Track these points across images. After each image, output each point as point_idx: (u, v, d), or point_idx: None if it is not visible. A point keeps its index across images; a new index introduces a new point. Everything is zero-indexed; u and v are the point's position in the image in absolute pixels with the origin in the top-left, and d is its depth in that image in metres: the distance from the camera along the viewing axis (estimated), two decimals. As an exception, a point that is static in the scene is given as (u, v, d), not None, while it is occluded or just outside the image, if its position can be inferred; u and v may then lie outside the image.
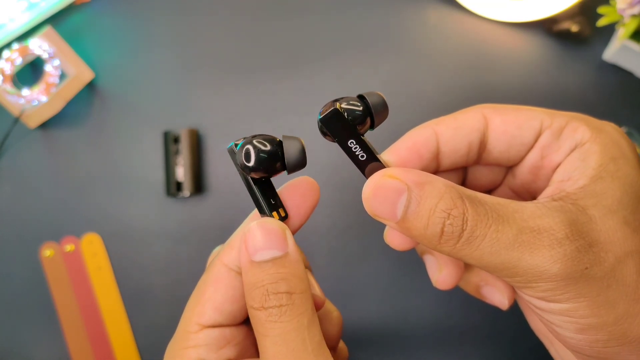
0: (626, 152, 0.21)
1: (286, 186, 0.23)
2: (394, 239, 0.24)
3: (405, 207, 0.20)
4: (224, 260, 0.23)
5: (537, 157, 0.23)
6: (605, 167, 0.21)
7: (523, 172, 0.24)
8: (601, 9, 0.44)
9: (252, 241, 0.21)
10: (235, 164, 0.21)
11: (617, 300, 0.19)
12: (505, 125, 0.23)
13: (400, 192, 0.20)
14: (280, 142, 0.21)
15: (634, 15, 0.42)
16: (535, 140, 0.23)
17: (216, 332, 0.23)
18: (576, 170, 0.21)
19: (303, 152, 0.20)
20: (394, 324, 0.46)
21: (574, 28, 0.47)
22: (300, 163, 0.20)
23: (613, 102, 0.48)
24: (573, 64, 0.48)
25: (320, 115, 0.20)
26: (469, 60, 0.49)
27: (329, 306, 0.26)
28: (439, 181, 0.20)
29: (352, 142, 0.21)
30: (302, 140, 0.21)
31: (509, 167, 0.26)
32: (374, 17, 0.50)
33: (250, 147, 0.20)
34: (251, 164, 0.20)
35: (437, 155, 0.24)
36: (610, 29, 0.47)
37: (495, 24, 0.49)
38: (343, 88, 0.49)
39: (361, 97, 0.21)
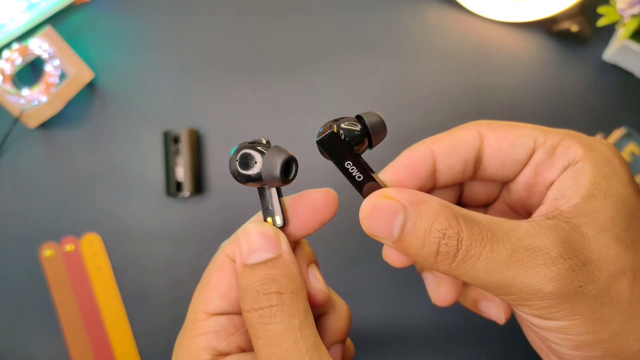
0: (618, 170, 0.21)
1: (302, 195, 0.23)
2: (392, 256, 0.24)
3: (401, 227, 0.20)
4: (227, 251, 0.24)
5: (531, 174, 0.24)
6: (598, 186, 0.21)
7: (518, 189, 0.25)
8: (601, 9, 0.44)
9: (245, 244, 0.21)
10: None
11: (611, 318, 0.19)
12: (500, 143, 0.23)
13: (397, 212, 0.20)
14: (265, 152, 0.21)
15: (634, 15, 0.42)
16: (529, 158, 0.23)
17: (224, 319, 0.23)
18: (569, 189, 0.21)
19: (282, 168, 0.20)
20: (394, 324, 0.46)
21: (574, 28, 0.47)
22: (275, 179, 0.20)
23: (613, 103, 0.48)
24: (573, 64, 0.48)
25: (317, 137, 0.20)
26: (469, 60, 0.49)
27: (337, 300, 0.26)
28: (434, 201, 0.20)
29: (349, 164, 0.21)
30: (288, 155, 0.20)
31: (504, 183, 0.26)
32: (374, 17, 0.50)
33: (246, 152, 0.21)
34: (238, 173, 0.21)
35: (433, 173, 0.24)
36: (610, 29, 0.47)
37: (495, 24, 0.49)
38: (343, 88, 0.49)
39: (359, 118, 0.21)
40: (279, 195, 0.22)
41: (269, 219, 0.22)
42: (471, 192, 0.27)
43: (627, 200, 0.21)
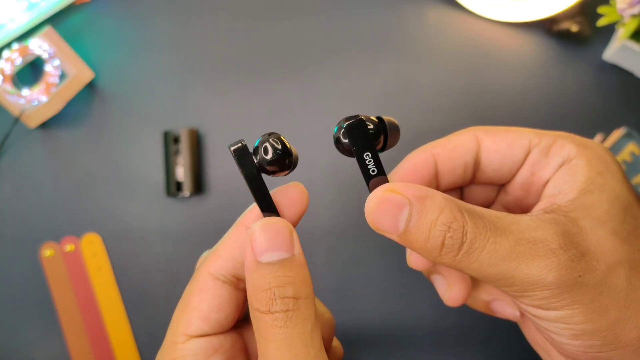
0: (611, 166, 0.22)
1: (277, 191, 0.23)
2: (415, 260, 0.25)
3: (407, 221, 0.20)
4: (209, 269, 0.24)
5: (527, 174, 0.24)
6: (593, 181, 0.22)
7: (515, 189, 0.25)
8: (601, 9, 0.44)
9: (259, 241, 0.21)
10: (241, 163, 0.21)
11: (609, 307, 0.20)
12: (497, 145, 0.24)
13: (402, 206, 0.20)
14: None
15: (634, 15, 0.42)
16: (525, 158, 0.24)
17: (204, 341, 0.23)
18: (565, 185, 0.22)
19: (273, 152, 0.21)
20: (393, 324, 0.46)
21: (574, 28, 0.47)
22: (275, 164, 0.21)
23: (613, 102, 0.48)
24: (573, 64, 0.48)
25: (344, 123, 0.21)
26: (469, 60, 0.49)
27: (321, 308, 0.27)
28: (439, 195, 0.20)
29: (368, 155, 0.21)
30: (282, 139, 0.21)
31: (502, 185, 0.27)
32: (374, 17, 0.50)
33: (267, 144, 0.21)
34: (269, 157, 0.21)
35: (436, 176, 0.25)
36: (610, 29, 0.47)
37: (495, 24, 0.49)
38: (343, 88, 0.49)
39: (379, 118, 0.22)
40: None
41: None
42: (470, 195, 0.28)
43: (621, 195, 0.22)
